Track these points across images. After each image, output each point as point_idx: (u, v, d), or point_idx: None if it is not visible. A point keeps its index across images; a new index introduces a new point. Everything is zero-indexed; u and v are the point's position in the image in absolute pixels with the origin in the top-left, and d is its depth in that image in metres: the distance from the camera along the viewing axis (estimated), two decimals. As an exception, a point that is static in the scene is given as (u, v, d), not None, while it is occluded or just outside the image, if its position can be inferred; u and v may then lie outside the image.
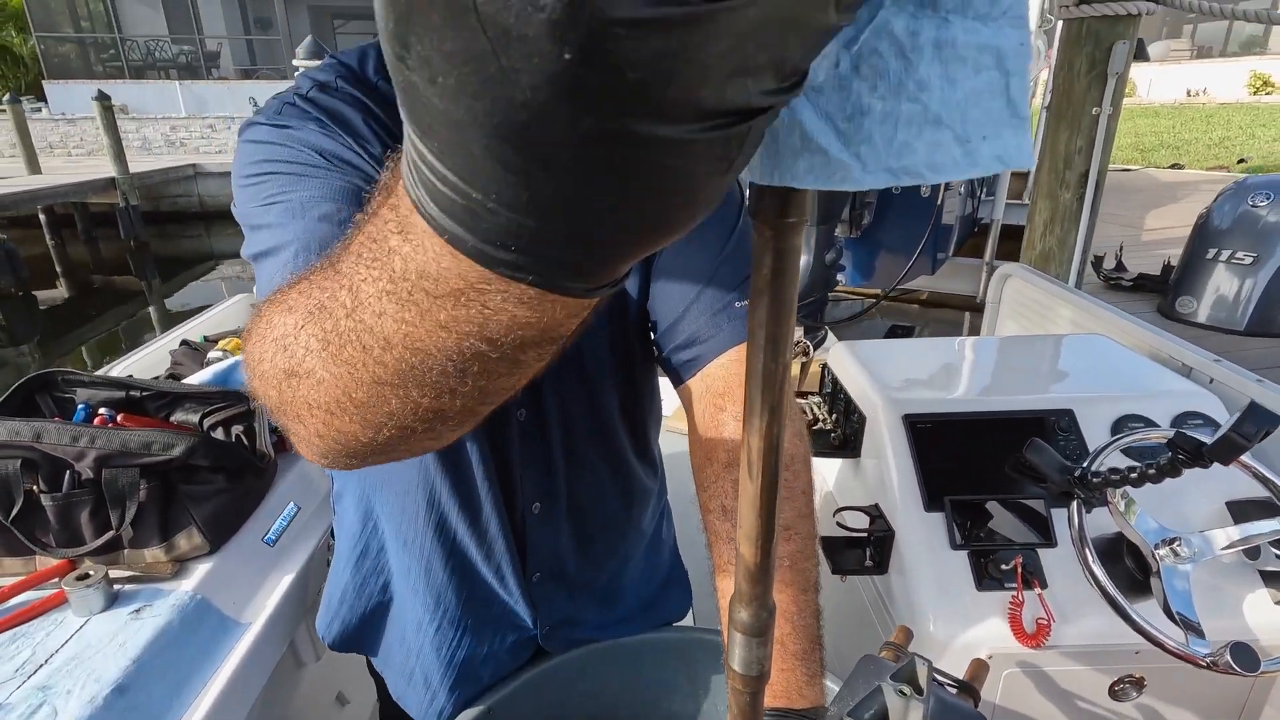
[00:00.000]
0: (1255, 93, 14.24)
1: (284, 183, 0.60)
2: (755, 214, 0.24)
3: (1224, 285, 2.92)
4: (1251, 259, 2.81)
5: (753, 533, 0.30)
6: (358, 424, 0.32)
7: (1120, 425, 1.36)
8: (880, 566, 1.33)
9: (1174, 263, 3.33)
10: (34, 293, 8.43)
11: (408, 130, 0.20)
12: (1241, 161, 9.08)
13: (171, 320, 8.26)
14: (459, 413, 0.30)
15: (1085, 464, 1.09)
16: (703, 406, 0.68)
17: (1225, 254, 2.86)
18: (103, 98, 9.90)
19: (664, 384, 0.87)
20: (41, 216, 9.77)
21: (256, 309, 0.39)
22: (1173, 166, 9.05)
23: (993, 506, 1.31)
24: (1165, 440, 1.04)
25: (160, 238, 11.00)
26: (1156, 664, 1.23)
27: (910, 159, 0.19)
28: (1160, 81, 15.41)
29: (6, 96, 10.72)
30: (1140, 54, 2.60)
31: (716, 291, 0.68)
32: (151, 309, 8.66)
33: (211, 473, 0.97)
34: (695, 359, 0.68)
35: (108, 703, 0.74)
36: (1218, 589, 1.17)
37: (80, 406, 0.99)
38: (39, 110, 14.18)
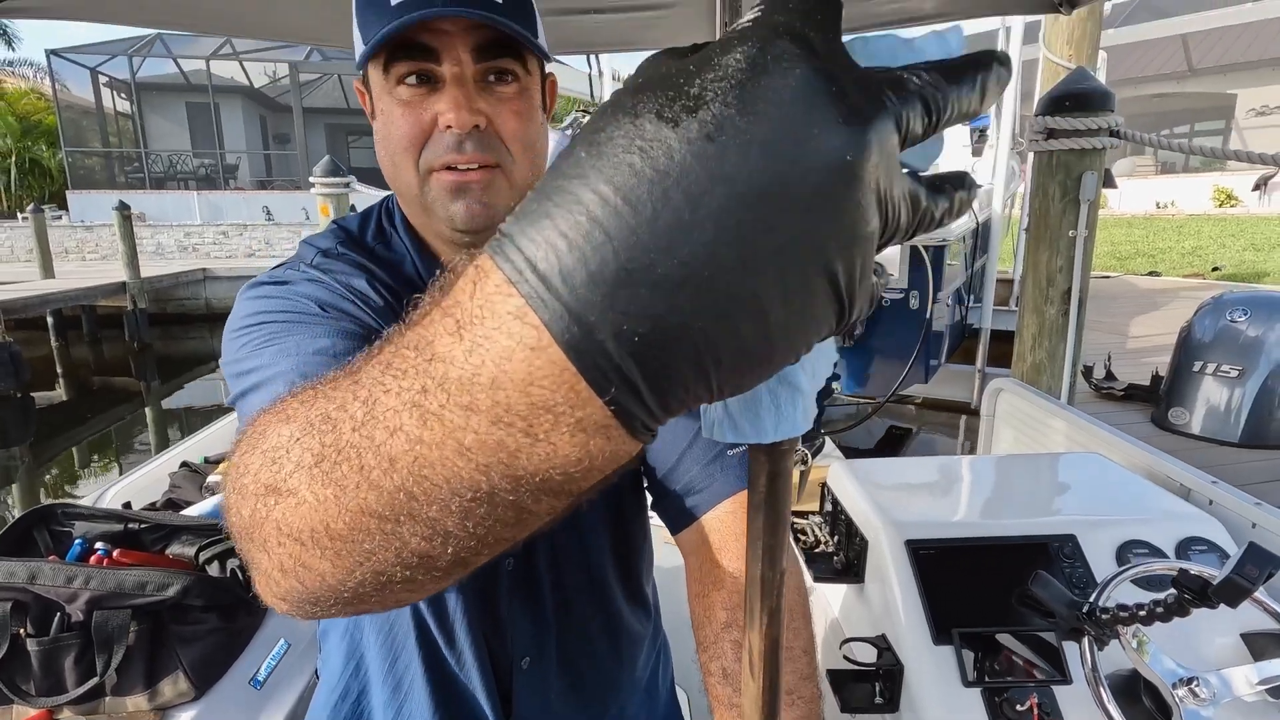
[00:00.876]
0: (1220, 205, 15.01)
1: (277, 329, 0.59)
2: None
3: (1214, 397, 2.97)
4: (1237, 372, 2.87)
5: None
6: (329, 561, 0.28)
7: (1125, 551, 1.35)
8: (891, 704, 1.28)
9: (1162, 372, 3.40)
10: (33, 394, 8.44)
11: (544, 190, 0.20)
12: (1216, 270, 9.43)
13: (167, 420, 8.25)
14: (444, 564, 0.26)
15: (1093, 598, 1.08)
16: (699, 560, 0.68)
17: (1211, 367, 2.93)
18: (123, 207, 10.34)
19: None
20: (49, 319, 9.95)
21: (250, 419, 0.35)
22: (1150, 274, 9.39)
23: (1003, 638, 1.27)
24: (1171, 574, 1.04)
25: (164, 339, 11.16)
26: (1190, 816, 1.16)
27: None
28: (1129, 194, 16.28)
29: (31, 206, 11.18)
30: (1108, 182, 2.77)
31: (709, 440, 0.70)
32: (148, 409, 8.65)
33: (204, 612, 0.95)
34: (691, 509, 0.68)
35: None
36: (1242, 732, 1.12)
37: (76, 541, 0.98)
38: (59, 218, 14.75)
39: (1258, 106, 17.32)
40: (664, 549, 1.01)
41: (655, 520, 0.85)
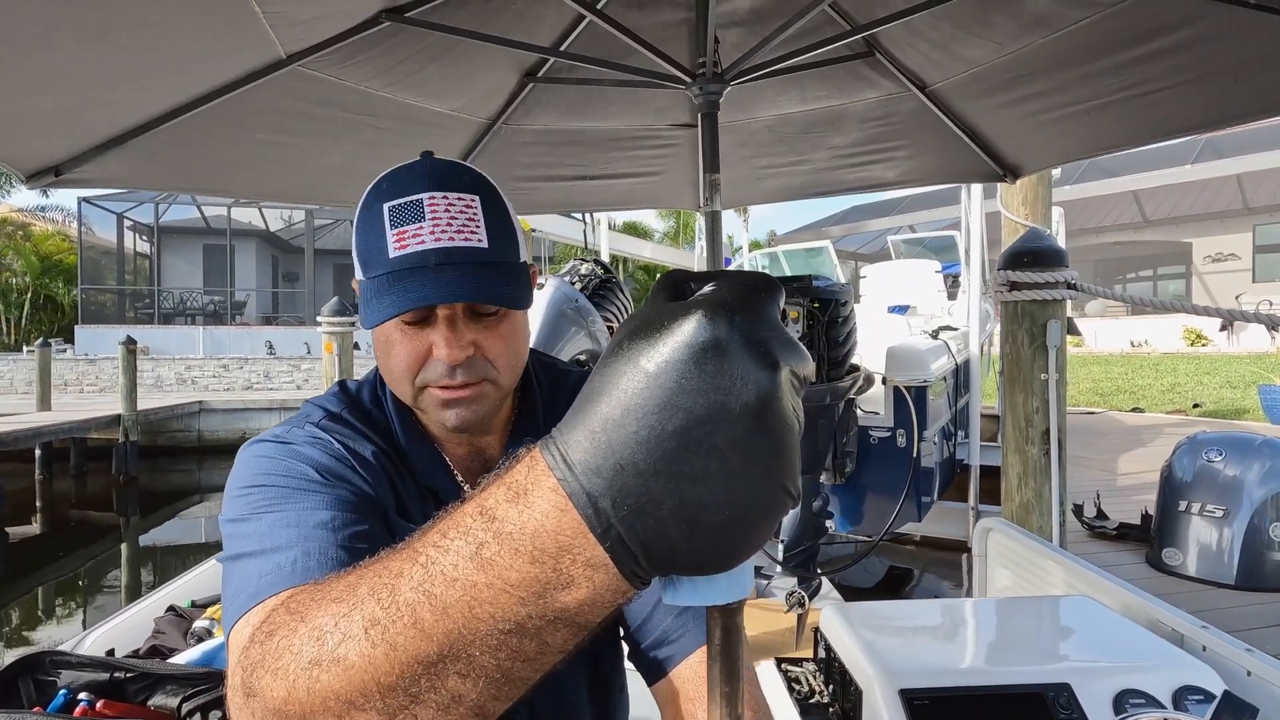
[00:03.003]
0: (1191, 344, 15.60)
1: (278, 495, 0.61)
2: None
3: (1204, 536, 2.97)
4: (1222, 512, 2.90)
5: None
6: (374, 711, 0.34)
7: (1121, 701, 1.33)
8: None
9: (1151, 510, 3.41)
10: (6, 529, 8.19)
11: (580, 408, 0.30)
12: (1196, 406, 9.64)
13: (141, 558, 7.95)
14: (469, 705, 0.33)
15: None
16: (674, 710, 0.69)
17: (1196, 506, 2.96)
18: (129, 342, 10.56)
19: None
20: (37, 450, 9.86)
21: (284, 606, 0.41)
22: (1134, 410, 9.58)
23: (1005, 799, 1.22)
24: (1164, 726, 1.03)
25: (150, 471, 11.00)
26: None
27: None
28: (1104, 333, 16.94)
29: (39, 341, 11.42)
30: (1072, 329, 2.95)
31: None
32: (124, 544, 8.37)
33: (183, 768, 0.93)
34: (666, 659, 0.70)
35: None
36: None
37: (61, 692, 0.97)
38: (64, 351, 15.00)
39: (1212, 254, 18.47)
40: (643, 699, 1.00)
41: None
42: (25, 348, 14.80)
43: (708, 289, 0.32)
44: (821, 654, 1.71)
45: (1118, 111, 1.81)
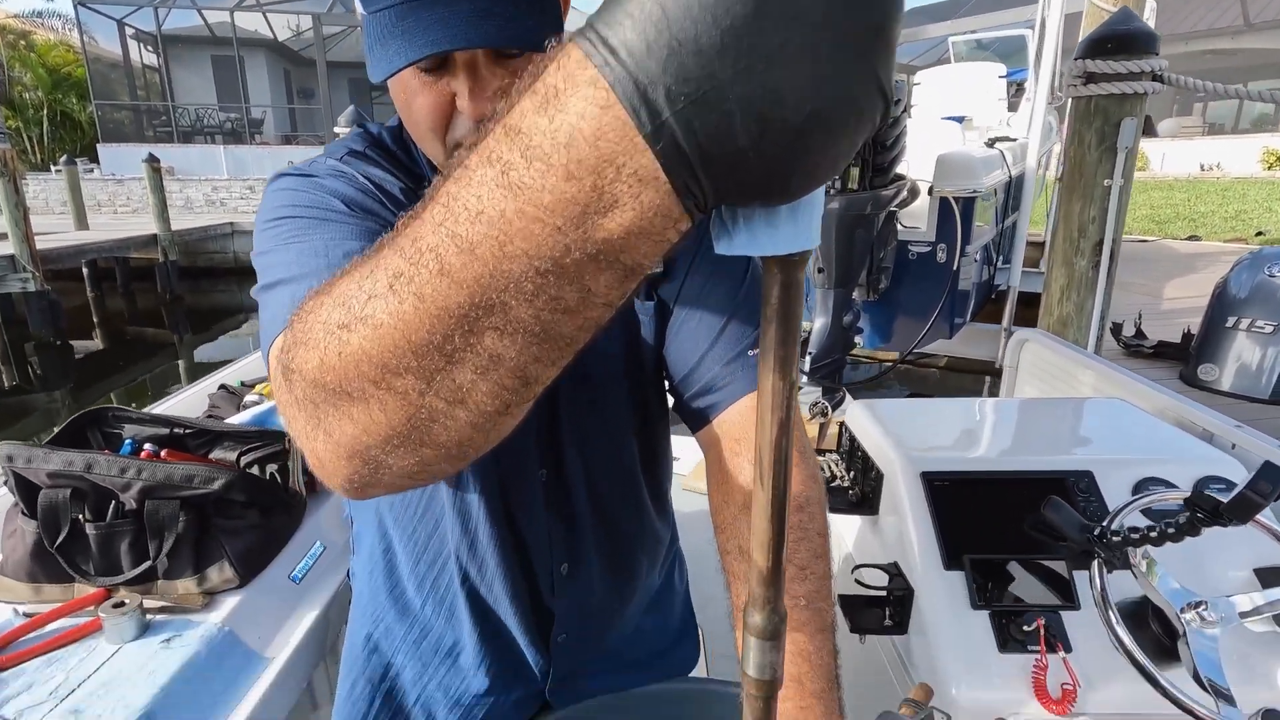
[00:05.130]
0: (1269, 168, 14.39)
1: (306, 225, 0.60)
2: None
3: (1245, 354, 2.91)
4: (1272, 328, 2.81)
5: (764, 539, 0.32)
6: (410, 374, 0.31)
7: (1141, 488, 1.36)
8: (900, 626, 1.31)
9: (1194, 331, 3.33)
10: (70, 342, 8.70)
11: None
12: (1259, 234, 9.11)
13: (199, 371, 8.48)
14: (510, 371, 0.30)
15: (1105, 523, 1.09)
16: (719, 451, 0.70)
17: (1245, 323, 2.87)
18: (152, 160, 10.45)
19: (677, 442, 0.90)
20: (84, 270, 10.18)
21: (311, 292, 0.37)
22: (1190, 238, 9.10)
23: (1013, 567, 1.29)
24: (1183, 500, 1.05)
25: (194, 292, 11.38)
26: (1190, 736, 1.19)
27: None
28: (1173, 156, 15.66)
29: (64, 158, 11.35)
30: (1149, 130, 2.69)
31: (730, 341, 0.71)
32: (180, 361, 8.89)
33: (245, 508, 1.01)
34: (711, 406, 0.71)
35: (136, 729, 0.75)
36: (1247, 656, 1.14)
37: (127, 441, 1.03)
38: (91, 171, 14.96)
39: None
40: (681, 495, 1.04)
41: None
42: (52, 167, 14.75)
43: None
44: (845, 445, 1.76)
45: None
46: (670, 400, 0.80)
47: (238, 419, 1.25)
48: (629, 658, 0.95)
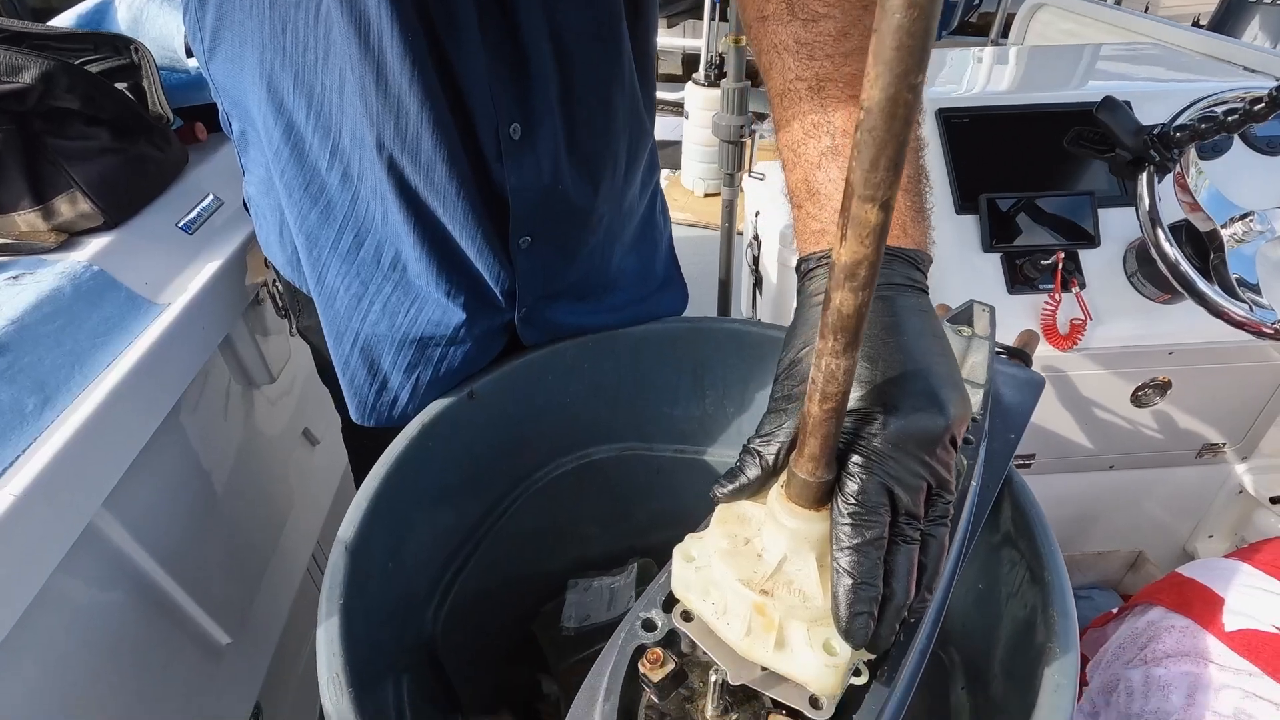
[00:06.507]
0: None
1: None
2: None
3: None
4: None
5: None
6: None
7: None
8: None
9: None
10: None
11: None
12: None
13: None
14: None
15: (1168, 121, 0.93)
16: None
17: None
18: None
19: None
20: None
21: None
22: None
23: (1028, 210, 1.16)
24: (1260, 97, 0.88)
25: None
26: (1186, 365, 1.16)
27: None
28: None
29: None
30: None
31: None
32: None
33: (88, 124, 0.76)
34: None
35: (-20, 360, 0.58)
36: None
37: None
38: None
39: None
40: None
41: None
42: None
43: None
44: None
45: None
46: None
47: (62, 20, 0.93)
48: (608, 302, 0.80)
